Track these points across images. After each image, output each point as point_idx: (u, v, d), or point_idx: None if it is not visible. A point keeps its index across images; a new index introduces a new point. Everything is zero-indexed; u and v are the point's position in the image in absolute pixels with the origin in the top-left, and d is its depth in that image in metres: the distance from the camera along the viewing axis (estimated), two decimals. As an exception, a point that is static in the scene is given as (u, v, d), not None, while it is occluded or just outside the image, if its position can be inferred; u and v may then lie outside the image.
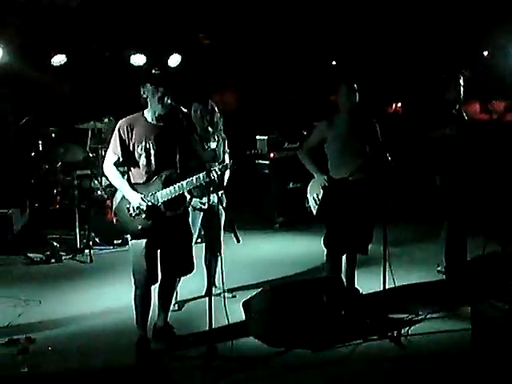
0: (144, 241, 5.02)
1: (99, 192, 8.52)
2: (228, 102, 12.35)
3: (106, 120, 8.63)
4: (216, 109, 6.23)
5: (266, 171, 9.74)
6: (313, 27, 10.48)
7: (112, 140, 5.09)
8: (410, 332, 5.36)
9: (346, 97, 5.92)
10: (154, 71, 5.14)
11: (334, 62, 11.82)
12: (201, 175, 4.97)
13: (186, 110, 5.22)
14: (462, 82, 6.54)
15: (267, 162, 9.69)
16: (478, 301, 5.46)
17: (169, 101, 4.95)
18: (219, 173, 5.06)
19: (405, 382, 4.82)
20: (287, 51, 11.13)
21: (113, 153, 5.06)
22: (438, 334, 5.39)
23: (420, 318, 5.70)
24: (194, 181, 4.99)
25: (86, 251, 8.03)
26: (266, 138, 9.65)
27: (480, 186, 6.78)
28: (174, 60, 10.33)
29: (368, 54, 10.79)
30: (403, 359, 5.05)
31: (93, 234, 8.36)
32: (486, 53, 10.25)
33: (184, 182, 5.00)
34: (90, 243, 8.15)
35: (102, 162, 5.31)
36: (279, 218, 9.61)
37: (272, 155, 9.64)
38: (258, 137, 9.80)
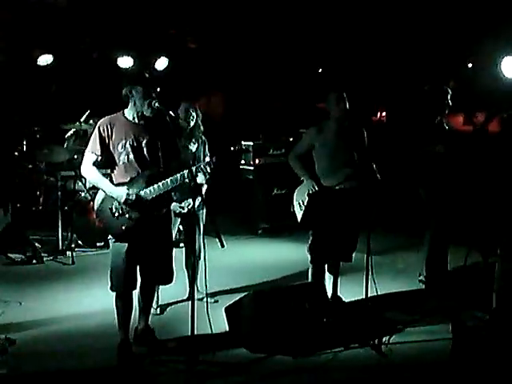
0: (126, 244, 4.98)
1: (83, 194, 8.48)
2: (214, 106, 12.36)
3: (91, 121, 8.58)
4: (197, 111, 6.23)
5: (251, 177, 9.76)
6: (299, 34, 10.51)
7: (91, 139, 5.03)
8: (391, 341, 5.38)
9: (336, 105, 5.95)
10: (146, 74, 5.09)
11: (320, 70, 11.86)
12: (185, 172, 4.92)
13: (172, 113, 5.21)
14: (449, 95, 6.59)
15: (252, 168, 9.71)
16: (459, 311, 5.50)
17: (157, 104, 4.95)
18: (204, 170, 5.05)
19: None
20: (274, 58, 11.15)
21: (91, 152, 5.00)
22: (418, 343, 5.42)
23: (401, 326, 5.72)
24: (179, 178, 4.95)
25: (68, 253, 7.99)
26: (251, 143, 9.65)
27: (462, 197, 6.84)
28: (162, 63, 10.32)
29: (354, 62, 10.84)
30: (384, 367, 5.06)
31: (75, 236, 8.32)
32: (470, 64, 10.31)
33: (168, 180, 4.96)
34: (72, 245, 8.11)
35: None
36: (263, 223, 9.63)
37: (257, 161, 9.66)
38: (243, 142, 9.80)
